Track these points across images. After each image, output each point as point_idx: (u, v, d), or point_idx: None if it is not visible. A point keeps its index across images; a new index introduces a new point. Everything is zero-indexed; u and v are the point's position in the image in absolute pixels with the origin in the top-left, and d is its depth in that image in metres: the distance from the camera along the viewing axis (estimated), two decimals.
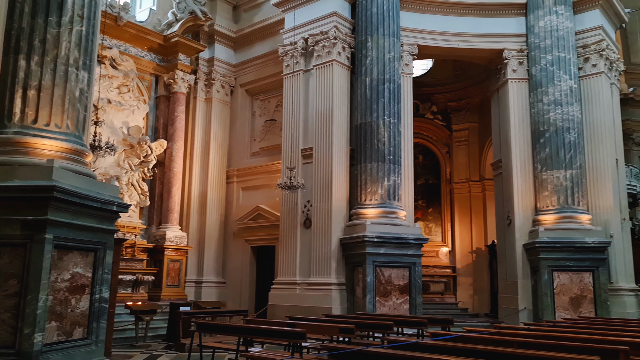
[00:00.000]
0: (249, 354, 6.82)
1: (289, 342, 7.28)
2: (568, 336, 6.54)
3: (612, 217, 13.48)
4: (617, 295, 13.08)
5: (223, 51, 16.26)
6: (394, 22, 13.25)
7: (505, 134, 14.53)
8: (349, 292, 12.51)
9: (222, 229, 15.74)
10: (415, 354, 4.81)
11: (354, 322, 8.07)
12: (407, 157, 13.56)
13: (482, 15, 14.51)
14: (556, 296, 12.75)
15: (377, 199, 12.55)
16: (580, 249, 12.69)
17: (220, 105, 16.12)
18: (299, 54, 13.77)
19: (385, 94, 12.87)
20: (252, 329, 7.46)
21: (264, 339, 8.45)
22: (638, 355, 6.00)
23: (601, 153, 13.75)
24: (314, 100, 13.43)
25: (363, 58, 13.18)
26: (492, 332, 6.97)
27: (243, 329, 7.58)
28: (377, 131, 12.73)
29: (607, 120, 14.00)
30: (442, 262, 19.42)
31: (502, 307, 14.28)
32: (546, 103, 13.57)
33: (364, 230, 12.09)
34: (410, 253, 12.43)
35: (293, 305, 12.37)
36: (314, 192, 13.02)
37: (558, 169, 13.23)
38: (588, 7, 14.16)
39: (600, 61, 13.98)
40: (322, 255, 12.65)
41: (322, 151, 13.06)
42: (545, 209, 13.36)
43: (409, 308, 12.29)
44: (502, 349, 5.33)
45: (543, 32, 13.82)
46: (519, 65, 14.34)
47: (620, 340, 5.81)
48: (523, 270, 13.51)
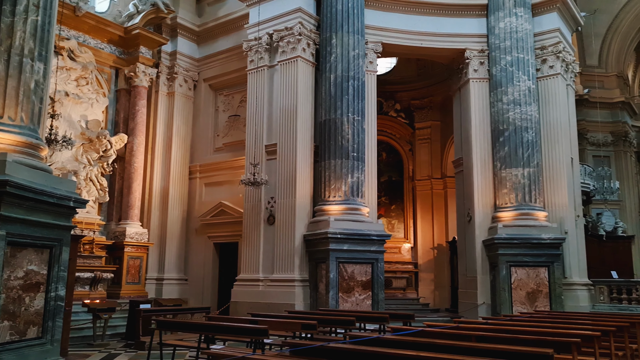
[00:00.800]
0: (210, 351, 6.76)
1: (251, 339, 7.23)
2: (524, 329, 6.73)
3: (567, 214, 13.93)
4: (570, 289, 13.54)
5: (186, 45, 16.00)
6: (358, 20, 13.31)
7: (466, 133, 14.81)
8: (312, 289, 12.54)
9: (184, 226, 15.53)
10: (376, 349, 4.86)
11: (317, 318, 8.09)
12: (371, 154, 13.67)
13: (445, 15, 14.74)
14: (513, 291, 13.09)
15: (341, 195, 12.61)
16: (536, 245, 13.07)
17: (183, 100, 15.87)
18: (263, 49, 13.68)
19: (350, 91, 12.92)
20: (213, 326, 7.39)
21: (225, 336, 8.39)
22: (589, 347, 6.24)
23: (557, 152, 14.18)
24: (278, 96, 13.37)
25: (328, 55, 13.20)
26: (451, 326, 7.11)
27: (204, 326, 7.51)
28: (341, 128, 12.78)
29: (563, 120, 14.44)
30: (404, 258, 19.68)
31: (462, 302, 14.59)
32: (506, 103, 13.89)
33: (327, 227, 12.13)
34: (373, 249, 12.54)
35: (256, 302, 12.32)
36: (277, 189, 12.98)
37: (516, 167, 13.57)
38: (546, 10, 14.57)
39: (557, 63, 14.41)
40: (286, 251, 12.64)
41: (286, 147, 13.02)
42: (504, 206, 13.69)
43: (371, 304, 12.40)
44: (461, 343, 5.45)
45: (503, 33, 14.14)
46: (480, 65, 14.63)
47: (572, 333, 6.02)
48: (482, 265, 13.83)
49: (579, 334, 5.97)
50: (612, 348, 6.78)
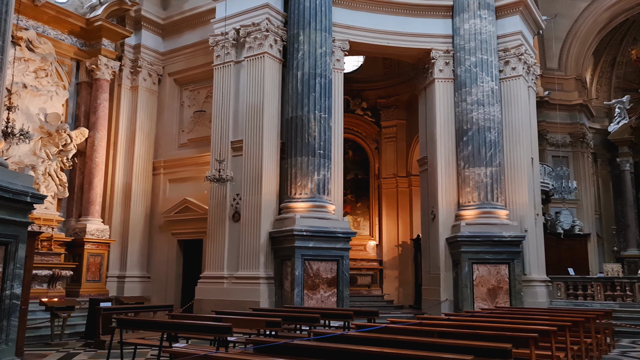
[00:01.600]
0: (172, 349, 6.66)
1: (214, 337, 7.17)
2: (484, 325, 6.88)
3: (527, 213, 14.29)
4: (530, 286, 13.90)
5: (150, 38, 15.69)
6: (326, 18, 13.31)
7: (431, 132, 15.02)
8: (278, 286, 12.51)
9: (147, 222, 15.24)
10: (339, 346, 4.88)
11: (281, 316, 8.08)
12: (337, 151, 13.71)
13: (412, 15, 14.90)
14: (475, 287, 13.36)
15: (307, 193, 12.60)
16: (498, 242, 13.37)
17: (147, 94, 15.56)
18: (230, 44, 13.54)
19: (317, 88, 12.92)
20: (176, 324, 7.28)
21: (189, 334, 8.28)
22: (547, 342, 6.42)
23: (518, 152, 14.52)
24: (244, 92, 13.26)
25: (295, 52, 13.16)
26: (414, 323, 7.21)
27: (167, 324, 7.39)
28: (307, 125, 12.77)
29: (524, 121, 14.80)
30: (369, 256, 19.85)
31: (426, 299, 14.80)
32: (470, 103, 14.14)
33: (293, 224, 12.11)
34: (339, 247, 12.59)
35: (220, 299, 12.20)
36: (243, 186, 12.88)
37: (479, 166, 13.84)
38: (509, 12, 14.89)
39: (519, 65, 14.76)
40: (251, 249, 12.56)
41: (252, 144, 12.93)
42: (467, 205, 13.95)
43: (336, 301, 12.45)
44: (423, 339, 5.53)
45: (468, 34, 14.38)
46: (445, 65, 14.85)
47: (530, 329, 6.18)
48: (445, 263, 14.06)
49: (537, 329, 6.14)
50: (568, 342, 6.99)
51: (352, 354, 4.73)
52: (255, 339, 6.28)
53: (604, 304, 13.85)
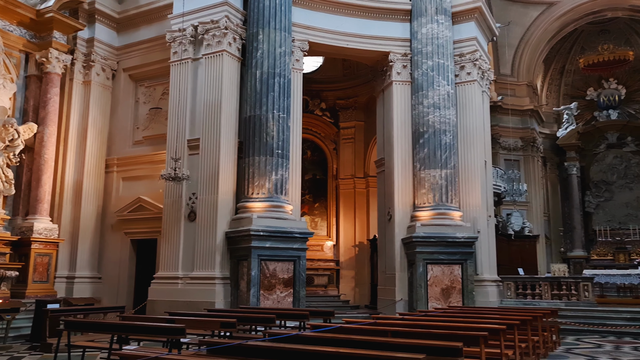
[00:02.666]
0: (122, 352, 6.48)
1: (167, 339, 7.02)
2: (437, 324, 7.01)
3: (480, 214, 14.67)
4: (481, 285, 14.27)
5: (105, 32, 15.24)
6: (285, 17, 13.28)
7: (388, 134, 15.21)
8: (233, 286, 12.38)
9: (99, 221, 14.80)
10: (294, 346, 4.87)
11: (237, 316, 8.01)
12: (296, 151, 13.70)
13: (371, 17, 15.06)
14: (429, 287, 13.61)
15: (265, 192, 12.53)
16: (451, 243, 13.66)
17: (100, 90, 15.11)
18: (187, 41, 13.31)
19: (276, 88, 12.87)
20: (127, 326, 7.10)
21: (140, 336, 8.09)
22: (496, 340, 6.60)
23: (472, 155, 14.90)
24: (202, 90, 13.08)
25: (254, 51, 13.07)
26: (369, 322, 7.27)
27: (117, 326, 7.20)
28: (266, 125, 12.70)
29: (478, 125, 15.19)
30: (326, 256, 19.93)
31: (381, 299, 14.98)
32: (426, 106, 14.40)
33: (250, 224, 12.02)
34: (296, 247, 12.57)
35: (174, 300, 11.98)
36: (199, 184, 12.70)
37: (435, 168, 14.10)
38: (465, 19, 15.26)
39: (474, 70, 15.13)
40: (207, 248, 12.40)
41: (209, 142, 12.77)
42: (422, 206, 14.19)
43: (292, 301, 12.42)
44: (378, 339, 5.59)
45: (425, 38, 14.64)
46: (403, 68, 15.07)
47: (480, 327, 6.34)
48: (401, 263, 14.27)
49: (487, 327, 6.30)
50: (517, 340, 7.21)
51: (306, 354, 4.72)
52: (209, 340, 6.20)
53: (551, 303, 14.37)
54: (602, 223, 24.08)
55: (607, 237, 23.64)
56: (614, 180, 24.42)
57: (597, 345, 10.98)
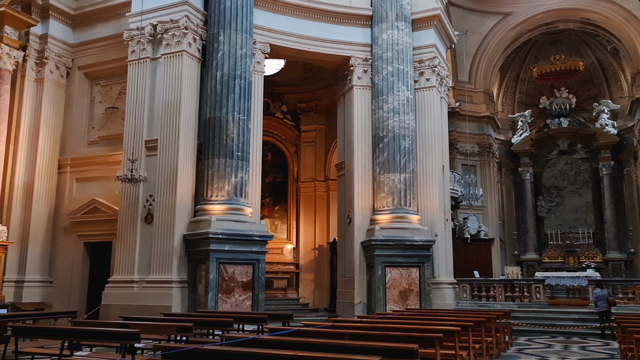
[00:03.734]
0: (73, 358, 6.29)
1: (121, 344, 6.85)
2: (394, 327, 7.10)
3: (437, 218, 14.94)
4: (438, 288, 14.53)
5: (59, 28, 14.78)
6: (247, 19, 13.21)
7: (349, 137, 15.32)
8: (191, 290, 12.19)
9: (50, 223, 14.31)
10: (251, 350, 4.83)
11: (194, 320, 7.89)
12: (256, 154, 13.62)
13: (333, 22, 15.16)
14: (388, 290, 13.77)
15: (224, 195, 12.41)
16: (410, 246, 13.87)
17: (53, 88, 14.64)
18: (146, 40, 13.07)
19: (236, 90, 12.78)
20: (78, 331, 6.89)
21: (93, 342, 7.86)
22: (451, 342, 6.73)
23: (431, 159, 15.17)
24: (161, 90, 12.85)
25: (215, 52, 12.94)
26: (327, 325, 7.29)
27: (68, 331, 6.97)
28: (226, 127, 12.59)
29: (436, 130, 15.48)
30: (286, 259, 19.88)
31: (340, 302, 15.05)
32: (386, 111, 14.58)
33: (208, 227, 11.87)
34: (255, 250, 12.49)
35: (130, 304, 11.70)
36: (157, 186, 12.46)
37: (394, 173, 14.30)
38: (424, 26, 15.55)
39: (433, 76, 15.43)
40: (164, 251, 12.17)
41: (167, 144, 12.55)
42: (381, 209, 14.35)
43: (251, 304, 12.33)
44: (335, 341, 5.61)
45: (385, 44, 14.84)
46: (363, 73, 15.23)
47: (436, 329, 6.45)
48: (360, 266, 14.39)
49: (442, 329, 6.41)
50: (471, 341, 7.37)
51: (263, 358, 4.70)
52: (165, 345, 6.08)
53: (505, 305, 14.74)
54: (554, 227, 24.92)
55: (558, 240, 24.48)
56: (565, 186, 25.31)
57: (547, 345, 11.34)
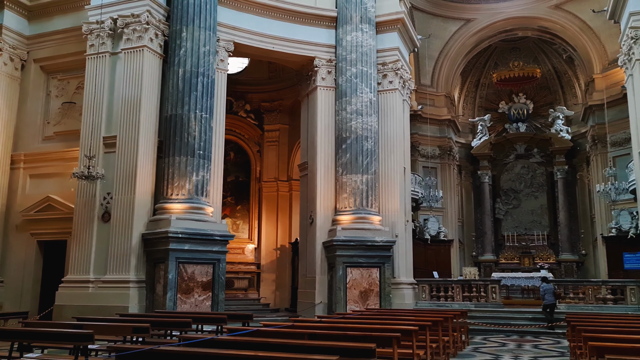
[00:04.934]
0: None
1: (74, 345, 6.66)
2: (353, 326, 7.15)
3: (398, 219, 15.13)
4: (398, 288, 14.71)
5: (14, 19, 14.27)
6: (211, 16, 13.07)
7: (312, 138, 15.35)
8: (149, 290, 11.97)
9: (1, 221, 13.79)
10: (208, 351, 4.78)
11: (151, 321, 7.74)
12: (218, 153, 13.49)
13: (298, 22, 15.17)
14: (348, 290, 13.86)
15: (185, 194, 12.25)
16: (370, 247, 14.00)
17: (7, 80, 14.13)
18: (106, 34, 12.77)
19: (199, 87, 12.63)
20: (29, 333, 6.66)
21: (44, 343, 7.61)
22: (409, 341, 6.82)
23: (392, 161, 15.35)
24: (120, 85, 12.59)
25: (177, 48, 12.75)
26: (287, 325, 7.28)
27: (18, 332, 6.74)
28: (187, 124, 12.42)
29: (398, 132, 15.67)
30: (247, 259, 19.76)
31: (301, 302, 15.05)
32: (349, 112, 14.68)
33: (168, 226, 11.69)
34: (216, 250, 12.37)
35: (85, 305, 11.41)
36: (115, 184, 12.20)
37: (356, 174, 14.40)
38: (388, 29, 15.73)
39: (396, 79, 15.62)
40: (121, 251, 11.92)
41: (127, 141, 12.30)
42: (343, 210, 14.43)
43: (211, 305, 12.21)
44: (294, 341, 5.60)
45: (350, 46, 14.94)
46: (327, 74, 15.29)
47: (394, 329, 6.53)
48: (321, 266, 14.43)
49: (400, 329, 6.50)
50: (428, 341, 7.49)
51: (221, 358, 4.65)
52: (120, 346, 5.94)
53: (462, 304, 15.06)
54: (510, 229, 25.57)
55: (515, 242, 25.12)
56: (522, 189, 26.01)
57: (501, 344, 11.63)
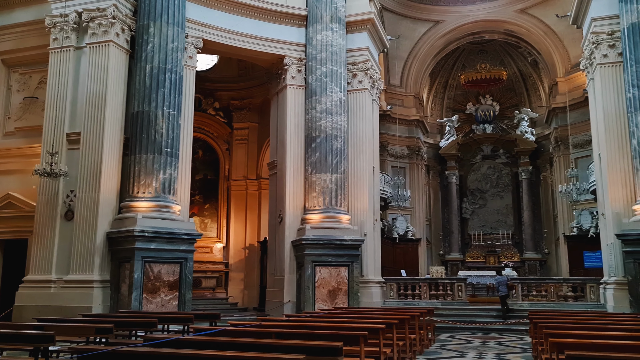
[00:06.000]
0: None
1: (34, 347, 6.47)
2: (321, 325, 7.16)
3: (367, 218, 15.22)
4: (366, 287, 14.81)
5: None
6: (179, 12, 12.88)
7: (282, 137, 15.31)
8: (114, 290, 11.74)
9: None
10: (173, 351, 4.72)
11: (115, 321, 7.60)
12: (186, 150, 13.32)
13: (268, 20, 15.10)
14: (317, 289, 13.88)
15: (151, 192, 12.05)
16: (339, 246, 14.05)
17: None
18: (70, 28, 12.45)
19: (166, 84, 12.44)
20: None
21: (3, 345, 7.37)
22: (376, 339, 6.87)
23: (362, 160, 15.43)
24: (85, 81, 12.30)
25: (144, 44, 12.53)
26: (254, 325, 7.25)
27: None
28: (155, 121, 12.22)
29: (368, 132, 15.77)
30: (215, 258, 19.58)
31: (270, 301, 15.01)
32: (319, 111, 14.69)
33: (134, 224, 11.48)
34: (183, 248, 12.21)
35: (46, 305, 11.11)
36: (79, 182, 11.91)
37: (326, 173, 14.42)
38: (358, 29, 15.80)
39: (365, 79, 15.71)
40: (85, 250, 11.65)
41: (91, 137, 12.03)
42: (312, 209, 14.44)
43: (178, 304, 12.05)
44: (261, 341, 5.59)
45: (320, 45, 14.95)
46: (297, 72, 15.27)
47: (361, 327, 6.57)
48: (290, 265, 14.41)
49: (367, 327, 6.54)
50: (395, 338, 7.56)
51: (186, 359, 4.60)
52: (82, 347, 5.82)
53: (429, 303, 15.25)
54: (477, 228, 26.05)
55: (481, 241, 25.61)
56: (488, 189, 26.52)
57: (467, 341, 11.84)
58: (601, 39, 13.59)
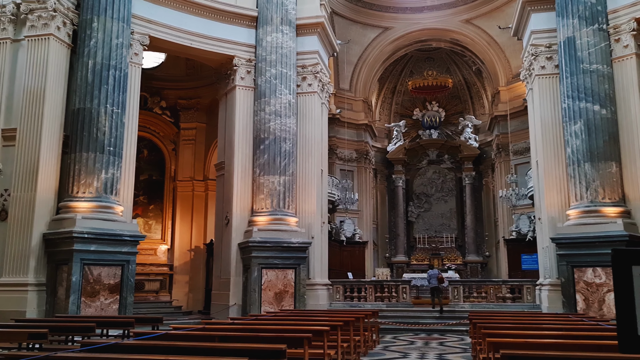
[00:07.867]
0: None
1: None
2: (265, 328, 7.13)
3: (315, 221, 15.28)
4: (313, 289, 14.85)
5: None
6: (124, 7, 12.54)
7: (230, 138, 15.15)
8: (50, 294, 11.26)
9: None
10: (111, 356, 4.58)
11: (50, 326, 7.27)
12: (130, 150, 12.97)
13: (217, 19, 14.94)
14: (263, 292, 13.81)
15: (92, 192, 11.65)
16: (286, 248, 14.03)
17: None
18: (7, 19, 11.89)
19: (110, 81, 12.07)
20: None
21: None
22: (320, 341, 6.90)
23: (310, 163, 15.48)
24: (22, 75, 11.78)
25: (87, 39, 12.12)
26: (197, 328, 7.12)
27: None
28: (97, 119, 11.84)
29: (316, 135, 15.84)
30: (159, 260, 19.12)
31: (215, 304, 14.80)
32: (268, 113, 14.64)
33: (73, 225, 11.06)
34: (125, 250, 11.87)
35: None
36: (14, 180, 11.38)
37: (274, 175, 14.39)
38: (308, 32, 15.86)
39: (315, 82, 15.79)
40: (19, 251, 11.14)
41: (28, 134, 11.52)
42: (260, 211, 14.36)
43: (118, 308, 11.69)
44: (204, 344, 5.50)
45: (270, 47, 14.91)
46: (247, 74, 15.17)
47: (306, 329, 6.58)
48: (236, 268, 14.27)
49: (311, 329, 6.56)
50: (339, 340, 7.62)
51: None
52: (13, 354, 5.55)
53: (375, 305, 15.46)
54: (422, 231, 26.62)
55: (425, 244, 26.19)
56: (433, 193, 27.18)
57: (410, 342, 12.07)
58: (540, 51, 14.22)
